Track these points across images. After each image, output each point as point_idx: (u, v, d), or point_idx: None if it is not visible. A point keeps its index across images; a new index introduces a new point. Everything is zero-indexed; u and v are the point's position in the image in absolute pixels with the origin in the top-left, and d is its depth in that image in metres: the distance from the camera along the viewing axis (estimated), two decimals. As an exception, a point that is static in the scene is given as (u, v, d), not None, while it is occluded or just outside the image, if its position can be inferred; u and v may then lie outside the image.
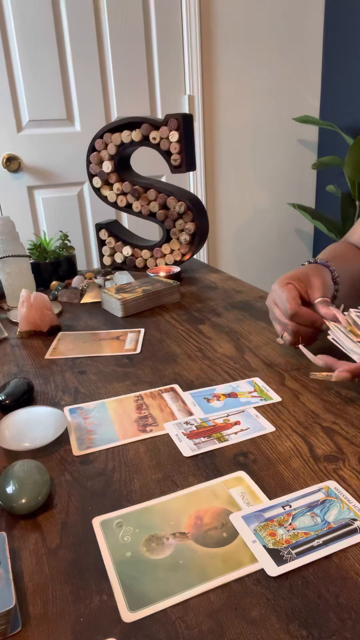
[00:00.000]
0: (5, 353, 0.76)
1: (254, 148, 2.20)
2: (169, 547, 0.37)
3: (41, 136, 1.83)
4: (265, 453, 0.48)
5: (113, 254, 1.20)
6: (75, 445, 0.51)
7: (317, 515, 0.39)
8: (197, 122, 2.02)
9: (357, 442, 0.49)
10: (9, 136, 1.79)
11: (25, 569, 0.36)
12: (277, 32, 2.06)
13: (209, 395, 0.59)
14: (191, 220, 1.07)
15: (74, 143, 1.87)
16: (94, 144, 1.12)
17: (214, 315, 0.87)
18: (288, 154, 2.27)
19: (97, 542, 0.38)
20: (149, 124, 1.04)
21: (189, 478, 0.45)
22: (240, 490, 0.43)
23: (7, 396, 0.58)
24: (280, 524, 0.39)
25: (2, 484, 0.43)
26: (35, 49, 1.73)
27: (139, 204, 1.11)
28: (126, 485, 0.45)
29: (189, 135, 1.03)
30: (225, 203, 2.21)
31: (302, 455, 0.47)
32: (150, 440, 0.51)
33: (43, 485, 0.42)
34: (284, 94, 2.17)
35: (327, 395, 0.58)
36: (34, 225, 1.92)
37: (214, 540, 0.38)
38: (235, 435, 0.51)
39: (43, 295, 0.82)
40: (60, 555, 0.37)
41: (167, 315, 0.88)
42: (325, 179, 2.32)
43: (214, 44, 1.97)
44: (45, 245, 1.12)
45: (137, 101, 1.93)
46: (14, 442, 0.49)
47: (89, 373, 0.67)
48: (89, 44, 1.80)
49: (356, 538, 0.37)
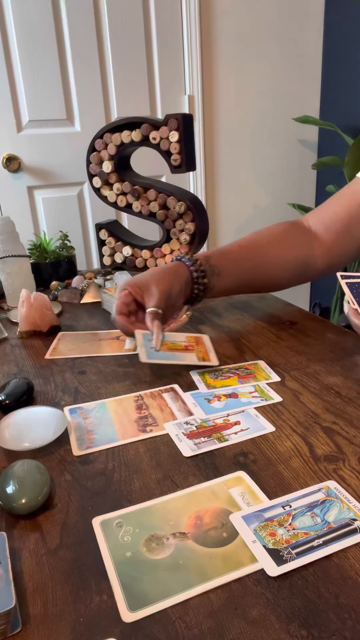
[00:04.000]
0: (5, 353, 0.76)
1: (254, 148, 2.20)
2: (169, 547, 0.37)
3: (41, 136, 1.83)
4: (265, 453, 0.48)
5: (113, 254, 1.20)
6: (75, 445, 0.51)
7: (317, 515, 0.39)
8: (197, 122, 2.02)
9: (357, 442, 0.49)
10: (9, 136, 1.79)
11: (25, 569, 0.36)
12: (277, 32, 2.06)
13: (210, 396, 0.59)
14: (191, 220, 1.07)
15: (74, 143, 1.87)
16: (94, 144, 1.12)
17: (214, 315, 0.87)
18: (288, 154, 2.27)
19: (97, 542, 0.38)
20: (149, 124, 1.04)
21: (189, 478, 0.45)
22: (240, 490, 0.43)
23: (7, 396, 0.58)
24: (280, 524, 0.39)
25: (2, 484, 0.43)
26: (35, 49, 1.73)
27: (139, 204, 1.11)
28: (126, 485, 0.45)
29: (189, 135, 1.03)
30: (225, 203, 2.21)
31: (302, 455, 0.47)
32: (150, 440, 0.51)
33: (43, 485, 0.42)
34: (284, 94, 2.17)
35: (327, 395, 0.58)
36: (34, 225, 1.92)
37: (214, 540, 0.38)
38: (235, 435, 0.51)
39: (43, 295, 0.82)
40: (60, 555, 0.37)
41: (167, 315, 0.88)
42: (325, 179, 2.32)
43: (214, 44, 1.97)
44: (45, 245, 1.12)
45: (137, 101, 1.93)
46: (14, 442, 0.49)
47: (89, 373, 0.67)
48: (89, 44, 1.80)
49: (356, 538, 0.37)
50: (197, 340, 0.68)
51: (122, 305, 0.67)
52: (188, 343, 0.67)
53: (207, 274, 0.73)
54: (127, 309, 0.68)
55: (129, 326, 0.67)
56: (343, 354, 0.68)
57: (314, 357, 0.68)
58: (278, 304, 0.91)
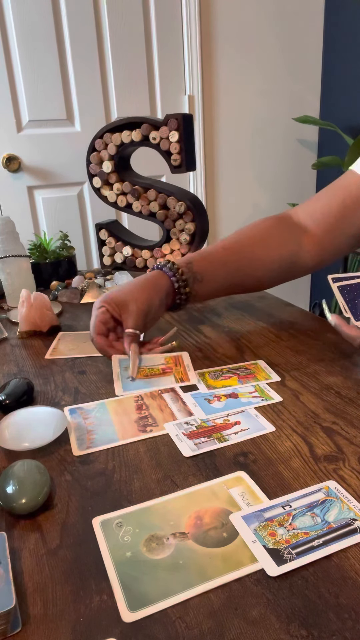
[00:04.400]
0: (5, 353, 0.76)
1: (254, 148, 2.20)
2: (169, 547, 0.37)
3: (41, 136, 1.83)
4: (265, 453, 0.48)
5: (113, 254, 1.20)
6: (76, 445, 0.51)
7: (317, 515, 0.39)
8: (197, 122, 2.02)
9: (357, 442, 0.49)
10: (9, 136, 1.79)
11: (25, 569, 0.36)
12: (277, 32, 2.06)
13: (210, 396, 0.59)
14: (191, 220, 1.07)
15: (74, 143, 1.87)
16: (94, 144, 1.12)
17: (214, 315, 0.87)
18: (288, 154, 2.27)
19: (97, 542, 0.38)
20: (149, 124, 1.04)
21: (189, 478, 0.45)
22: (240, 490, 0.43)
23: (7, 396, 0.58)
24: (280, 524, 0.39)
25: (2, 484, 0.43)
26: (35, 49, 1.73)
27: (139, 204, 1.11)
28: (126, 485, 0.45)
29: (189, 135, 1.03)
30: (225, 203, 2.21)
31: (302, 455, 0.47)
32: (151, 441, 0.51)
33: (43, 485, 0.42)
34: (284, 94, 2.17)
35: (327, 395, 0.58)
36: (34, 225, 1.92)
37: (214, 540, 0.38)
38: (235, 435, 0.51)
39: (43, 295, 0.82)
40: (60, 555, 0.37)
41: (167, 315, 0.88)
42: (325, 179, 2.32)
43: (214, 44, 1.97)
44: (45, 245, 1.12)
45: (137, 101, 1.93)
46: (14, 442, 0.49)
47: (89, 373, 0.67)
48: (89, 44, 1.80)
49: (356, 538, 0.37)
50: (176, 360, 0.66)
51: (100, 324, 0.66)
52: (167, 365, 0.65)
53: (189, 282, 0.71)
54: (106, 327, 0.67)
55: (108, 350, 0.67)
56: (343, 354, 0.68)
57: (314, 357, 0.68)
58: (278, 304, 0.91)
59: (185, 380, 0.62)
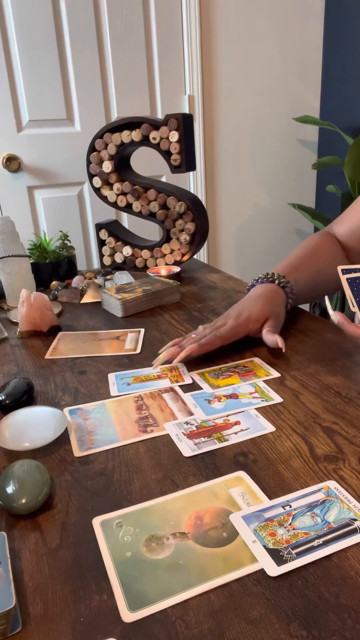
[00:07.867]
0: (5, 353, 0.76)
1: (254, 148, 2.20)
2: (169, 547, 0.37)
3: (41, 136, 1.83)
4: (265, 453, 0.48)
5: (113, 254, 1.20)
6: (76, 446, 0.51)
7: (317, 515, 0.39)
8: (197, 122, 2.02)
9: (357, 442, 0.49)
10: (9, 136, 1.79)
11: (25, 569, 0.36)
12: (277, 32, 2.06)
13: (210, 397, 0.59)
14: (191, 220, 1.07)
15: (74, 143, 1.87)
16: (94, 144, 1.12)
17: (214, 315, 0.87)
18: (288, 154, 2.27)
19: (97, 542, 0.38)
20: (149, 124, 1.04)
21: (189, 478, 0.45)
22: (240, 490, 0.43)
23: (7, 396, 0.58)
24: (280, 524, 0.39)
25: (2, 484, 0.43)
26: (35, 49, 1.73)
27: (139, 204, 1.11)
28: (126, 485, 0.45)
29: (189, 135, 1.03)
30: (225, 203, 2.21)
31: (302, 455, 0.47)
32: (151, 441, 0.51)
33: (43, 485, 0.42)
34: (284, 93, 2.17)
35: (327, 395, 0.58)
36: (34, 225, 1.92)
37: (214, 540, 0.38)
38: (235, 435, 0.51)
39: (43, 295, 0.82)
40: (60, 555, 0.37)
41: (167, 315, 0.88)
42: (325, 179, 2.32)
43: (214, 44, 1.97)
44: (45, 245, 1.12)
45: (137, 101, 1.93)
46: (14, 442, 0.50)
47: (89, 373, 0.67)
48: (89, 44, 1.80)
49: (356, 538, 0.37)
50: (172, 367, 0.67)
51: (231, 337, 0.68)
52: (162, 372, 0.66)
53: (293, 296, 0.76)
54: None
55: None
56: (343, 354, 0.68)
57: (314, 357, 0.68)
58: (278, 304, 0.91)
59: (180, 381, 0.63)
